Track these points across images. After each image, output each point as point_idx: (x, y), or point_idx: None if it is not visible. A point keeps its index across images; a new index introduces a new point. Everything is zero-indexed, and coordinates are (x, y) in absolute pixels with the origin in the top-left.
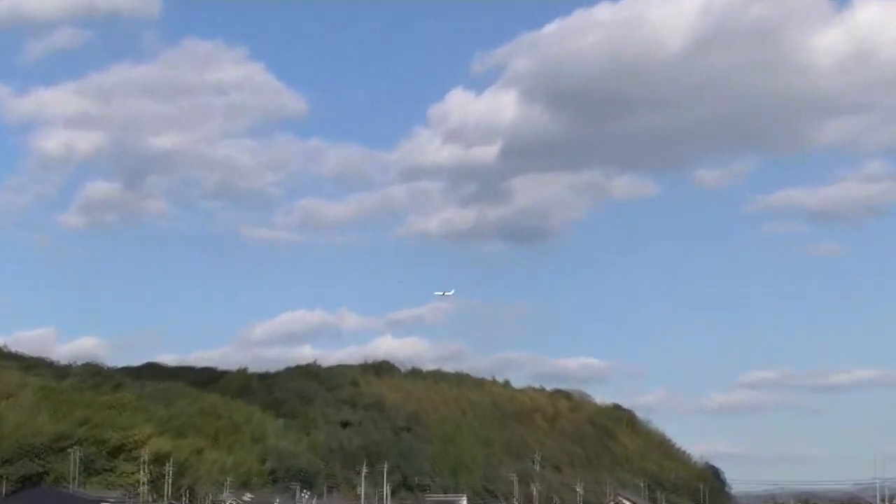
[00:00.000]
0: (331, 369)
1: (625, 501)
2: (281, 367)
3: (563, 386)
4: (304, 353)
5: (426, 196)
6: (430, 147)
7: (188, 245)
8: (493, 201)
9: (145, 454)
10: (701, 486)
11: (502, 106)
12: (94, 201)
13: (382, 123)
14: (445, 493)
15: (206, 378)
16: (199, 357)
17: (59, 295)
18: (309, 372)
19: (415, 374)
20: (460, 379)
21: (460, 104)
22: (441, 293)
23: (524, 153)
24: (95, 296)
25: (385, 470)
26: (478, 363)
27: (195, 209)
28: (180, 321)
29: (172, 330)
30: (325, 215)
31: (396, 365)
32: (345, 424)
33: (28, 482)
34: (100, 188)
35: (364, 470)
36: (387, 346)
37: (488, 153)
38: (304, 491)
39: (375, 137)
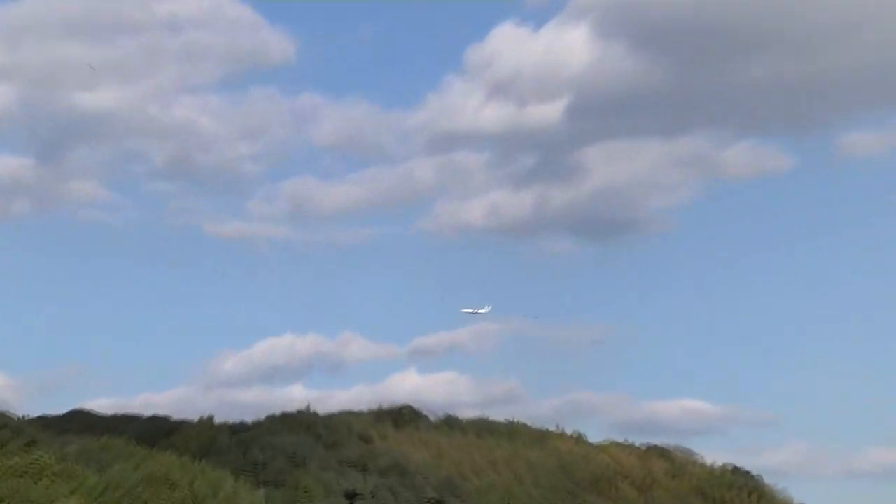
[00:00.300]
0: (331, 418)
1: None
2: (261, 414)
3: (658, 441)
4: (294, 396)
5: (463, 174)
6: (468, 105)
7: (129, 244)
8: (558, 180)
9: None
10: None
11: (569, 46)
12: None
13: (401, 73)
14: None
15: (155, 431)
16: (147, 402)
17: None
18: (300, 422)
19: (450, 424)
20: (513, 431)
21: (510, 44)
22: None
23: (600, 112)
24: None
25: None
26: (538, 408)
27: (139, 194)
28: (119, 352)
29: (108, 364)
30: (322, 202)
31: (423, 412)
32: (351, 496)
33: None
34: (5, 165)
35: None
36: (410, 385)
37: (550, 113)
38: None
39: (391, 92)
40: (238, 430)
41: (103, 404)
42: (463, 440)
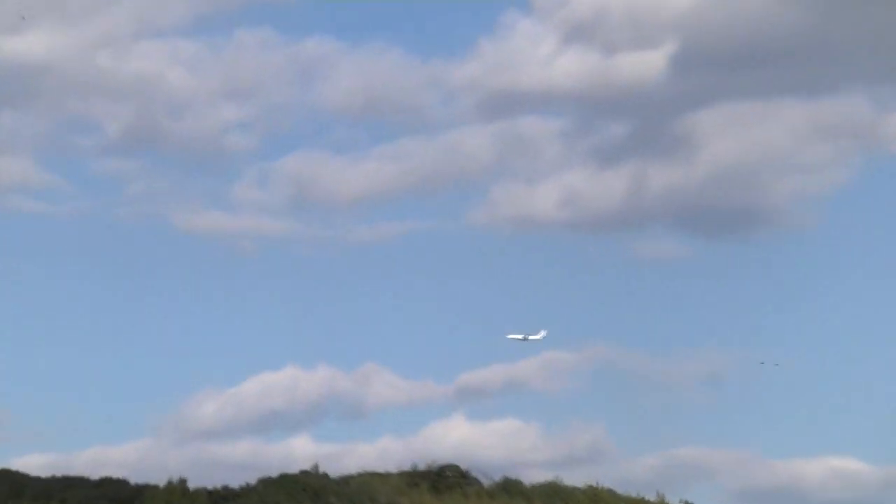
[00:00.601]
0: (348, 482)
1: None
2: (252, 476)
3: None
4: (298, 451)
5: (529, 147)
6: (536, 54)
7: (72, 243)
8: (658, 156)
9: None
10: None
11: None
12: None
13: (444, 10)
14: None
15: (109, 499)
16: (96, 459)
17: None
18: (306, 487)
19: (509, 489)
20: (596, 499)
21: None
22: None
23: (715, 64)
24: None
25: None
26: (631, 469)
27: (85, 175)
28: (56, 392)
29: (41, 409)
30: (335, 186)
31: (473, 473)
32: None
33: None
34: None
35: None
36: (457, 437)
37: (648, 65)
38: None
39: (430, 36)
40: (221, 499)
41: (34, 462)
42: None
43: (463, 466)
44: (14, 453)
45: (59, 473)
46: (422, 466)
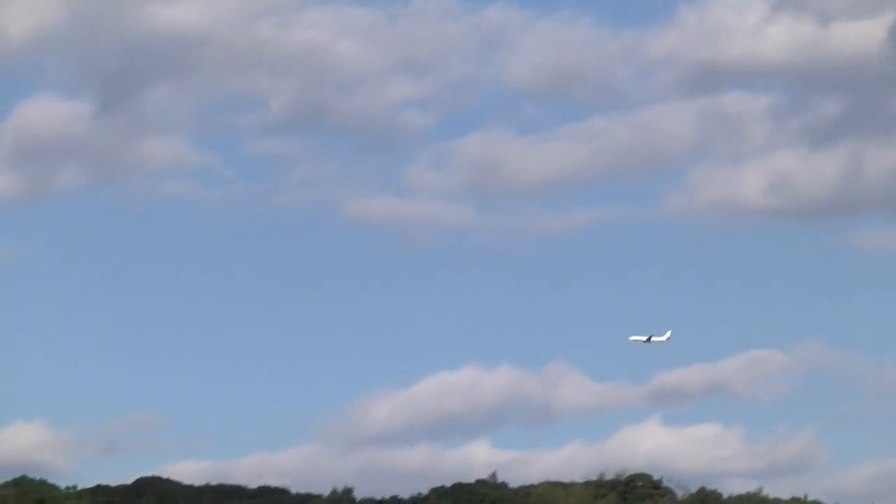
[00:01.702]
0: (529, 493)
1: None
2: (425, 486)
3: None
4: (477, 459)
5: (734, 126)
6: (742, 23)
7: (230, 231)
8: (879, 135)
9: None
10: None
11: None
12: None
13: None
14: None
15: None
16: (256, 467)
17: None
18: (483, 498)
19: (705, 500)
20: None
21: None
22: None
23: None
24: None
25: None
26: (844, 480)
27: (244, 156)
28: (214, 394)
29: (198, 412)
30: (518, 169)
31: (666, 483)
32: None
33: None
34: (50, 113)
35: None
36: (651, 444)
37: (867, 34)
38: None
39: (624, 4)
40: None
41: (189, 470)
42: None
43: (655, 476)
44: (169, 460)
45: (213, 482)
46: (610, 476)
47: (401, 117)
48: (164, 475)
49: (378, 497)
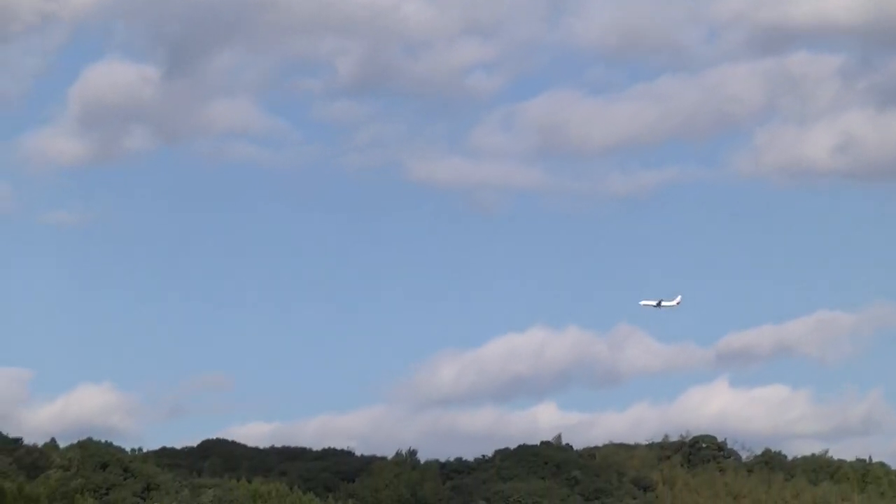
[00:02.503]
0: (593, 455)
1: None
2: (489, 448)
3: None
4: (543, 421)
5: (802, 87)
6: None
7: (297, 193)
8: None
9: None
10: None
11: None
12: None
13: None
14: None
15: (332, 472)
16: (322, 429)
17: None
18: (547, 460)
19: (770, 463)
20: (868, 475)
21: None
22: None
23: None
24: None
25: None
26: None
27: (312, 119)
28: (281, 357)
29: (265, 374)
30: (587, 131)
31: (731, 445)
32: None
33: None
34: (118, 76)
35: None
36: (718, 405)
37: None
38: None
39: None
40: (454, 472)
41: (256, 432)
42: (789, 489)
43: (720, 438)
44: (236, 422)
45: (279, 444)
46: (674, 438)
47: (468, 80)
48: (231, 437)
49: (442, 459)
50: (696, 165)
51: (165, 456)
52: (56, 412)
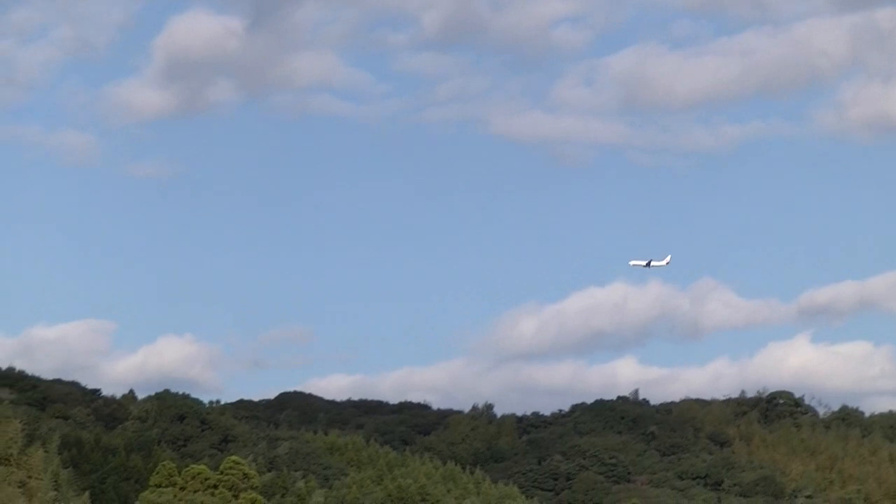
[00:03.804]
0: (670, 410)
1: None
2: (566, 402)
3: None
4: (622, 375)
5: (888, 40)
6: None
7: (379, 147)
8: None
9: None
10: None
11: None
12: None
13: None
14: None
15: (409, 425)
16: (401, 382)
17: None
18: (624, 415)
19: (847, 419)
20: None
21: None
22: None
23: None
24: None
25: None
26: None
27: (395, 72)
28: (362, 309)
29: (347, 326)
30: (669, 86)
31: (808, 401)
32: None
33: None
34: (202, 29)
35: None
36: (798, 361)
37: None
38: None
39: None
40: (531, 426)
41: (336, 385)
42: (865, 445)
43: (798, 394)
44: (316, 374)
45: (355, 397)
46: (751, 394)
47: (553, 34)
48: (310, 390)
49: (519, 413)
50: (780, 120)
51: (243, 408)
52: (137, 364)
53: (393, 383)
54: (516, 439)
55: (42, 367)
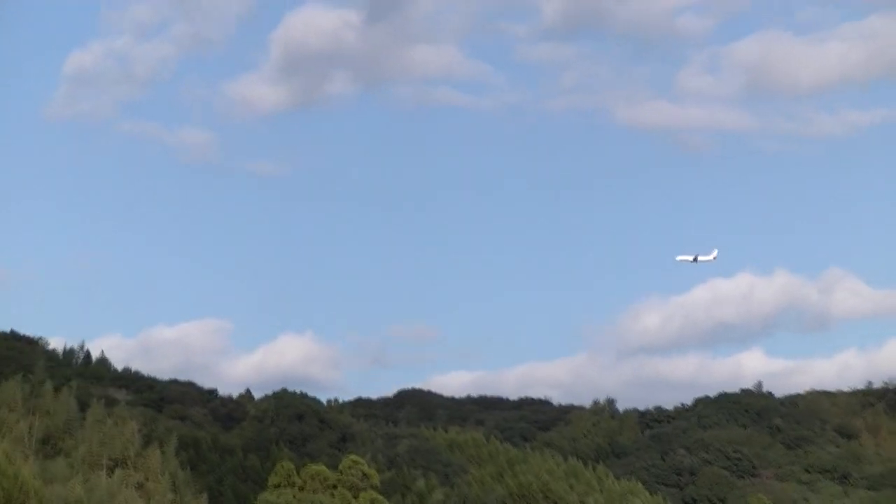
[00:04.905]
0: (795, 402)
1: None
2: (689, 396)
3: None
4: (748, 367)
5: None
6: None
7: (501, 138)
8: None
9: None
10: None
11: None
12: None
13: None
14: None
15: (529, 421)
16: (525, 377)
17: None
18: (748, 408)
19: None
20: None
21: None
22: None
23: None
24: None
25: None
26: None
27: (516, 63)
28: (487, 306)
29: (470, 323)
30: (794, 71)
31: None
32: None
33: None
34: (320, 20)
35: None
36: None
37: None
38: None
39: None
40: (654, 421)
41: (458, 381)
42: None
43: None
44: (437, 371)
45: (475, 393)
46: (878, 385)
47: (676, 21)
48: (431, 387)
49: (642, 408)
50: None
51: (361, 406)
52: (255, 363)
53: (514, 379)
54: (639, 434)
55: (160, 367)
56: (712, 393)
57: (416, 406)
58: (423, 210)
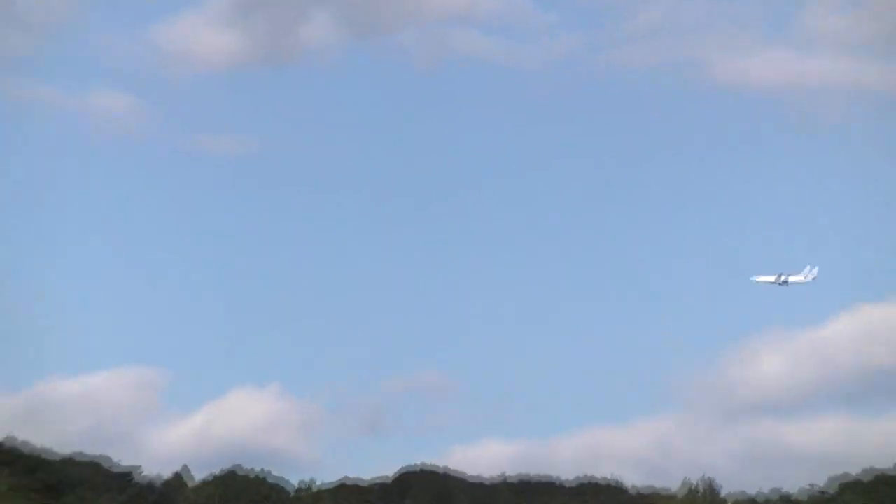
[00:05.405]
0: None
1: None
2: (821, 476)
3: None
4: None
5: None
6: None
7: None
8: None
9: None
10: None
11: None
12: None
13: None
14: None
15: None
16: (586, 444)
17: None
18: None
19: None
20: None
21: None
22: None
23: None
24: None
25: None
26: None
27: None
28: (521, 358)
29: (497, 365)
30: None
31: None
32: None
33: None
34: None
35: None
36: None
37: None
38: None
39: None
40: None
41: (484, 456)
42: None
43: None
44: (458, 440)
45: (519, 472)
46: None
47: None
48: (449, 464)
49: (752, 491)
50: None
51: (348, 492)
52: (195, 429)
53: (570, 452)
54: None
55: (56, 437)
56: (858, 471)
57: (428, 492)
58: (435, 208)
